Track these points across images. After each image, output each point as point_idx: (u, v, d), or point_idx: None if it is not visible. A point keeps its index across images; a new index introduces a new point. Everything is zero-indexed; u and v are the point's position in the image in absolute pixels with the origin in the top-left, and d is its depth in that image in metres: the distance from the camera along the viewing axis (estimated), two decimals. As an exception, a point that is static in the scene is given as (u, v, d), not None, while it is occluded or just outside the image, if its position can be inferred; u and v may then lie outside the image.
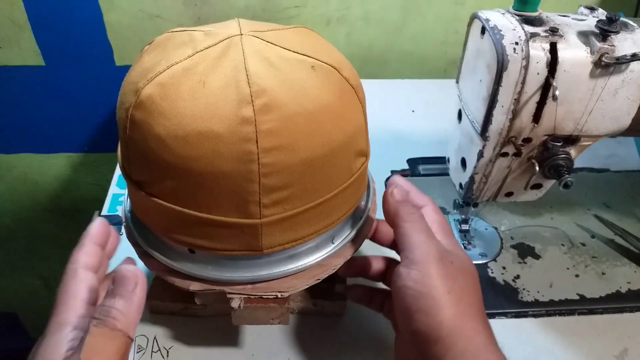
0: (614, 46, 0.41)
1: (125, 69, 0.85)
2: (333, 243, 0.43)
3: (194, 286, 0.40)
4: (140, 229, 0.43)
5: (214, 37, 0.38)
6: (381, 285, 0.46)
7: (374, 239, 0.45)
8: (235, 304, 0.40)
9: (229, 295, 0.40)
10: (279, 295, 0.40)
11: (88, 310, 0.33)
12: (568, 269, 0.56)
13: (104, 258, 0.38)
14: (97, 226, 0.38)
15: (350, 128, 0.39)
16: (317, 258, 0.41)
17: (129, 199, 0.44)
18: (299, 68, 0.37)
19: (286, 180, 0.36)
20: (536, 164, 0.46)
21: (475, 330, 0.36)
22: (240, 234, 0.37)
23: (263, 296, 0.40)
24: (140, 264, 0.42)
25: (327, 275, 0.42)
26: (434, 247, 0.37)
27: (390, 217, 0.41)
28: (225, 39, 0.37)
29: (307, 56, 0.38)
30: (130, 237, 0.43)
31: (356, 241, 0.44)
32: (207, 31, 0.39)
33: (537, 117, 0.44)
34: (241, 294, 0.40)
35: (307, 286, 0.41)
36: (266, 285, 0.40)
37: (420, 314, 0.35)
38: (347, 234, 0.44)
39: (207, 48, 0.37)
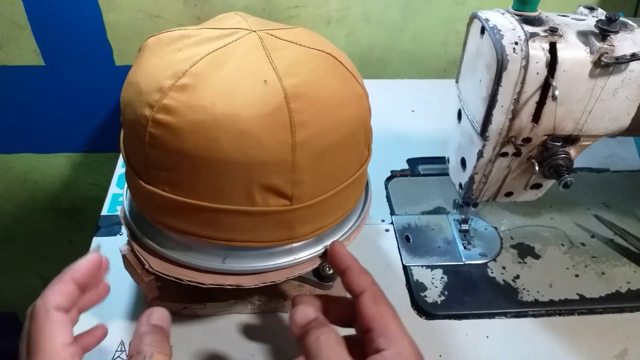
0: (613, 46, 0.41)
1: (125, 69, 0.85)
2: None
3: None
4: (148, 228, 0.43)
5: (227, 37, 0.40)
6: None
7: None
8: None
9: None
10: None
11: (66, 353, 0.32)
12: (568, 269, 0.56)
13: (80, 299, 0.36)
14: (84, 264, 0.36)
15: (361, 115, 0.41)
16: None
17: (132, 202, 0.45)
18: (318, 64, 0.39)
19: (315, 169, 0.38)
20: (536, 164, 0.46)
21: None
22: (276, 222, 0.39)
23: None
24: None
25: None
26: None
27: (298, 346, 0.35)
28: (240, 37, 0.40)
29: (321, 50, 0.41)
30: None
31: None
32: (215, 28, 0.41)
33: (536, 117, 0.44)
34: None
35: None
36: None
37: None
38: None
39: (227, 45, 0.39)
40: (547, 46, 0.41)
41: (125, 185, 0.46)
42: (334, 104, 0.38)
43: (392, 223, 0.60)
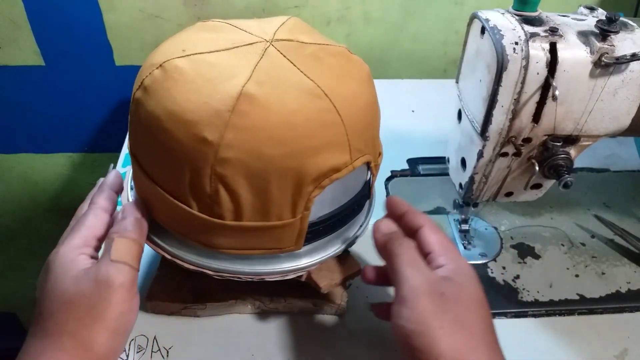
0: (613, 46, 0.41)
1: (125, 69, 0.85)
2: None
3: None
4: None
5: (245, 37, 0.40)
6: None
7: (366, 281, 0.44)
8: None
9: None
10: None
11: (98, 244, 0.39)
12: (568, 269, 0.56)
13: (116, 202, 0.43)
14: (113, 177, 0.43)
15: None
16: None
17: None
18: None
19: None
20: (536, 164, 0.46)
21: None
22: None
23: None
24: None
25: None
26: (422, 280, 0.36)
27: (380, 252, 0.40)
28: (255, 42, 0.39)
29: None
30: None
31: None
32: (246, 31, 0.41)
33: (537, 117, 0.44)
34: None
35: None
36: None
37: (416, 351, 0.34)
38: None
39: (232, 47, 0.39)
40: (547, 46, 0.41)
41: (130, 186, 0.46)
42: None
43: (392, 223, 0.60)
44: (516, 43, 0.41)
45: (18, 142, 0.95)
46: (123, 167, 0.68)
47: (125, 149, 0.72)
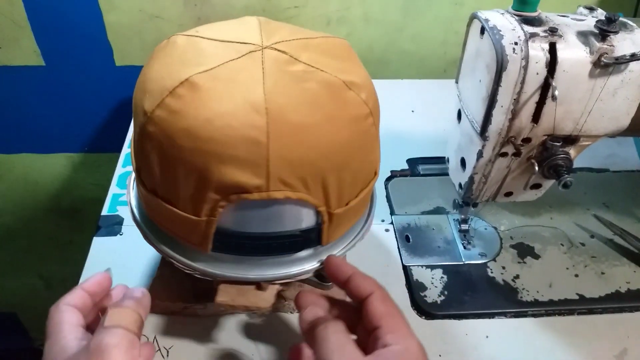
0: (613, 46, 0.41)
1: (125, 69, 0.85)
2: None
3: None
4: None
5: (233, 49, 0.39)
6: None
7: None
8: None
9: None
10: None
11: (80, 333, 0.35)
12: (567, 268, 0.56)
13: (92, 307, 0.39)
14: (94, 278, 0.39)
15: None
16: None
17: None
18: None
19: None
20: (535, 164, 0.46)
21: None
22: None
23: None
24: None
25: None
26: None
27: (306, 340, 0.37)
28: (246, 53, 0.38)
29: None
30: None
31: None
32: (224, 41, 0.40)
33: (536, 117, 0.44)
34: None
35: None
36: None
37: None
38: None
39: (228, 62, 0.38)
40: (546, 46, 0.41)
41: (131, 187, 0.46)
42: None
43: (392, 223, 0.60)
44: (516, 43, 0.41)
45: (18, 142, 0.95)
46: (123, 167, 0.68)
47: (125, 149, 0.72)
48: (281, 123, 0.35)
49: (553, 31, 0.42)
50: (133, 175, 0.46)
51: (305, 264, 0.42)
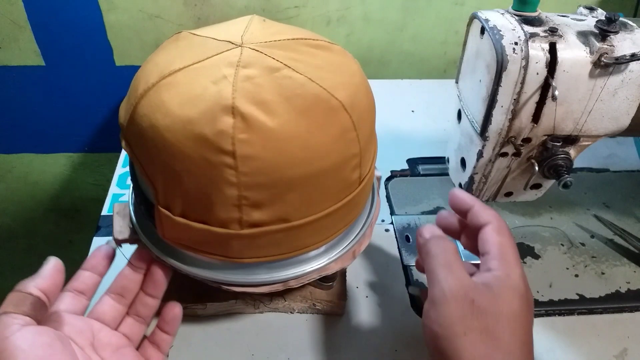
0: (613, 46, 0.41)
1: (125, 69, 0.85)
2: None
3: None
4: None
5: (213, 46, 0.38)
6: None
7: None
8: None
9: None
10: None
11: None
12: (567, 268, 0.56)
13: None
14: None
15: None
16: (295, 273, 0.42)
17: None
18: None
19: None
20: (535, 164, 0.47)
21: None
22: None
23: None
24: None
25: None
26: (453, 284, 0.34)
27: (419, 253, 0.39)
28: (223, 52, 0.37)
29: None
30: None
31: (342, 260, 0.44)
32: (212, 37, 0.39)
33: (536, 117, 0.44)
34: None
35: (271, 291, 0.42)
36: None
37: (440, 354, 0.34)
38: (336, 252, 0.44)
39: (205, 59, 0.37)
40: (547, 46, 0.41)
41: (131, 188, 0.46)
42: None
43: (392, 223, 0.60)
44: (516, 43, 0.41)
45: (18, 142, 0.95)
46: (123, 167, 0.68)
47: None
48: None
49: (553, 31, 0.42)
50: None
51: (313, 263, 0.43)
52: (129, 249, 0.43)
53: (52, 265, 0.36)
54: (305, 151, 0.35)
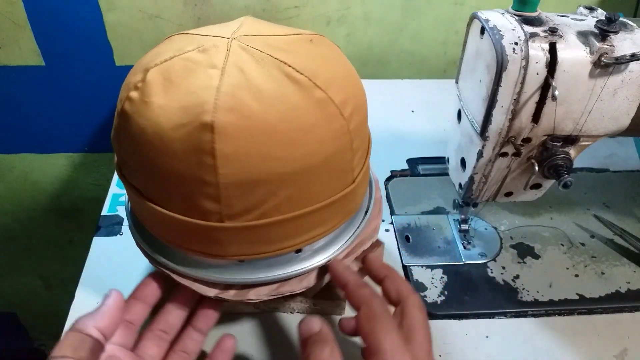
0: (613, 46, 0.41)
1: (126, 69, 0.85)
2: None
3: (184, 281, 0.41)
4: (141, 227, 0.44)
5: (205, 40, 0.38)
6: None
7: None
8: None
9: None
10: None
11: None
12: (567, 268, 0.56)
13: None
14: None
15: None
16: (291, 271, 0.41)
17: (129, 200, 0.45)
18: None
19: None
20: (535, 164, 0.47)
21: None
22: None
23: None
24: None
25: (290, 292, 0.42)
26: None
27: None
28: (211, 45, 0.37)
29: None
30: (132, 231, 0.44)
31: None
32: (205, 35, 0.39)
33: (536, 117, 0.44)
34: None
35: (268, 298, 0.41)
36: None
37: None
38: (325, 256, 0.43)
39: (191, 50, 0.37)
40: (547, 46, 0.41)
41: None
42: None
43: (392, 223, 0.60)
44: (516, 43, 0.41)
45: (18, 142, 0.95)
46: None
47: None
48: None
49: (553, 31, 0.42)
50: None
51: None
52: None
53: (113, 302, 0.36)
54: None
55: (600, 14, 0.46)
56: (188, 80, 0.35)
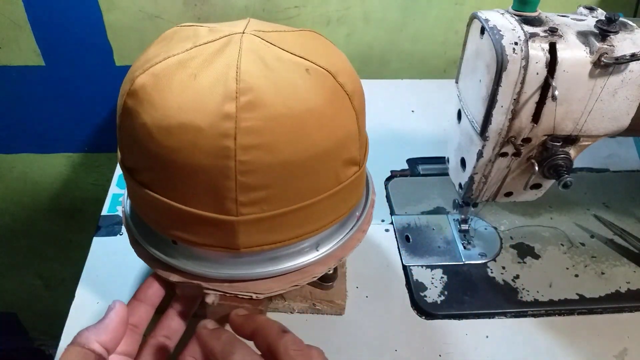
0: (613, 46, 0.41)
1: (126, 69, 0.85)
2: (317, 250, 0.42)
3: (174, 277, 0.40)
4: (135, 218, 0.44)
5: (216, 33, 0.38)
6: None
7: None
8: (209, 299, 0.40)
9: (205, 291, 0.40)
10: (254, 297, 0.40)
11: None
12: (567, 268, 0.56)
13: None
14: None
15: (338, 134, 0.38)
16: (299, 263, 0.41)
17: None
18: (292, 70, 0.37)
19: (265, 181, 0.35)
20: (535, 164, 0.47)
21: None
22: (216, 230, 0.37)
23: (238, 295, 0.40)
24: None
25: (305, 282, 0.41)
26: None
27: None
28: (226, 36, 0.38)
29: (305, 59, 0.37)
30: (126, 224, 0.44)
31: (342, 251, 0.43)
32: (212, 27, 0.39)
33: (536, 117, 0.44)
34: (217, 290, 0.40)
35: (284, 291, 0.41)
36: (243, 285, 0.40)
37: None
38: (334, 243, 0.43)
39: (205, 43, 0.37)
40: (546, 46, 0.41)
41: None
42: (294, 121, 0.35)
43: (392, 223, 0.60)
44: (516, 43, 0.41)
45: (18, 142, 0.95)
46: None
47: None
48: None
49: (553, 31, 0.42)
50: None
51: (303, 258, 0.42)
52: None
53: (117, 316, 0.35)
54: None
55: (600, 14, 0.46)
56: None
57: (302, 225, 0.39)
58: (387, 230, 0.59)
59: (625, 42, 0.42)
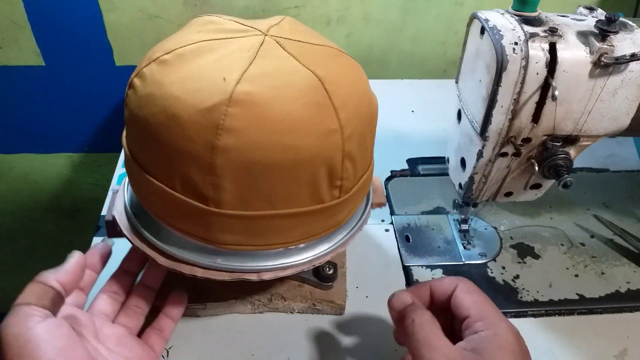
0: (613, 46, 0.41)
1: (125, 69, 0.85)
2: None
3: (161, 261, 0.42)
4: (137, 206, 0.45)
5: (239, 32, 0.41)
6: None
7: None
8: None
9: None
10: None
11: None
12: (567, 268, 0.56)
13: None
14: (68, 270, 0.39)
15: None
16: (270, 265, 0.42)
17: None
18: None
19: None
20: (535, 164, 0.47)
21: None
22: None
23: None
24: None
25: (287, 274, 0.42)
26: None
27: (398, 330, 0.39)
28: (245, 37, 0.40)
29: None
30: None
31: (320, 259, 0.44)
32: (242, 22, 0.42)
33: (536, 117, 0.44)
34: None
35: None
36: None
37: None
38: (322, 250, 0.44)
39: (226, 38, 0.40)
40: (546, 46, 0.41)
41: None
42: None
43: (392, 223, 0.60)
44: (516, 43, 0.41)
45: (18, 142, 0.95)
46: (123, 167, 0.68)
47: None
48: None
49: (553, 31, 0.42)
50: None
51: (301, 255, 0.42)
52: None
53: (75, 261, 0.38)
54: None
55: (600, 14, 0.46)
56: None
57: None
58: (387, 230, 0.59)
59: (625, 42, 0.42)
